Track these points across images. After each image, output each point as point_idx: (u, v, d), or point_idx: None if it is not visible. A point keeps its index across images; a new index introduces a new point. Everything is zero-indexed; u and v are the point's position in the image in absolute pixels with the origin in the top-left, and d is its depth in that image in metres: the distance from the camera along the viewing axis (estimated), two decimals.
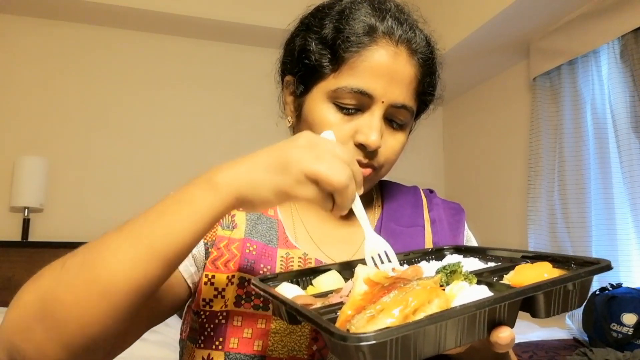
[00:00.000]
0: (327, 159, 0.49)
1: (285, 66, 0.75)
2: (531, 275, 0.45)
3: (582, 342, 1.98)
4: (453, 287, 0.44)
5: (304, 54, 0.70)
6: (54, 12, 2.79)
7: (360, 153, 0.67)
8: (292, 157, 0.49)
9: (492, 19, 2.39)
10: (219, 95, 3.09)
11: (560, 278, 0.43)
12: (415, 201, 0.82)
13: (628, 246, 2.11)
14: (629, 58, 2.06)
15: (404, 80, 0.68)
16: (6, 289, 2.47)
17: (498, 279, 0.50)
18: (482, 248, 0.62)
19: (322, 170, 0.48)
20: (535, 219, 2.48)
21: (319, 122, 0.68)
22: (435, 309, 0.39)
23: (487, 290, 0.42)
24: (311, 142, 0.51)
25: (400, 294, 0.39)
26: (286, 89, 0.76)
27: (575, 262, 0.50)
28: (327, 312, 0.43)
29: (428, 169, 3.63)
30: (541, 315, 0.43)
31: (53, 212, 2.72)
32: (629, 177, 2.06)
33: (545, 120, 2.51)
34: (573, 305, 0.44)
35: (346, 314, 0.39)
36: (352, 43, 0.66)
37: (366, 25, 0.66)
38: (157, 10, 2.79)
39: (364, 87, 0.65)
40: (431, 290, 0.40)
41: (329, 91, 0.67)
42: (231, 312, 0.66)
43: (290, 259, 0.70)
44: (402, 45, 0.68)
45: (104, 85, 2.92)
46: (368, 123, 0.66)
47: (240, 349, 0.63)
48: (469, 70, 3.04)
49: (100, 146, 2.86)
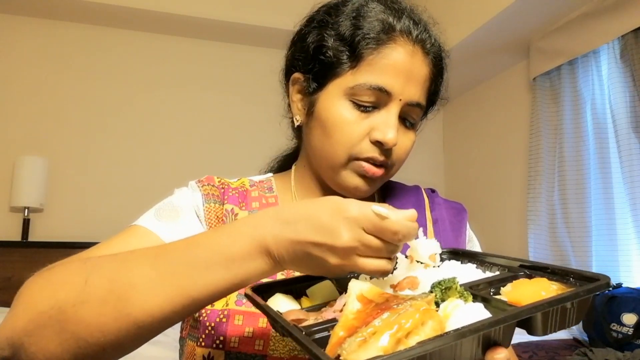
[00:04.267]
0: (365, 261, 0.46)
1: (296, 63, 0.74)
2: (528, 292, 0.44)
3: (582, 342, 1.98)
4: (448, 305, 0.43)
5: (321, 51, 0.69)
6: (54, 12, 2.79)
7: (376, 150, 0.68)
8: (331, 260, 0.46)
9: (492, 19, 2.39)
10: (219, 95, 3.09)
11: (557, 298, 0.42)
12: (417, 201, 0.82)
13: (628, 246, 2.11)
14: (629, 58, 2.06)
15: (420, 79, 0.69)
16: (6, 289, 2.47)
17: (495, 292, 0.50)
18: (478, 253, 0.61)
19: (366, 270, 0.46)
20: (535, 219, 2.48)
21: (334, 119, 0.68)
22: (429, 331, 0.38)
23: (483, 309, 0.42)
24: (354, 239, 0.45)
25: (393, 316, 0.38)
26: (293, 87, 0.75)
27: (574, 277, 0.48)
28: (320, 330, 0.43)
29: (428, 169, 3.62)
30: (538, 333, 0.42)
31: (53, 212, 2.72)
32: (629, 177, 2.06)
33: (545, 120, 2.51)
34: (571, 322, 0.44)
35: (338, 336, 0.38)
36: (371, 40, 0.66)
37: (384, 23, 0.67)
38: (157, 10, 2.79)
39: (382, 84, 0.66)
40: (424, 312, 0.39)
41: (346, 88, 0.67)
42: (232, 311, 0.66)
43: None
44: (418, 45, 0.69)
45: (104, 85, 2.92)
46: (385, 120, 0.67)
47: (240, 348, 0.63)
48: (469, 70, 3.04)
49: (100, 146, 2.86)
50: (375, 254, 0.45)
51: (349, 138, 0.67)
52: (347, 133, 0.67)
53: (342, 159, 0.68)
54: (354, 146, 0.67)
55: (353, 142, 0.67)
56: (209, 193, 0.73)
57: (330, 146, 0.69)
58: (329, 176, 0.72)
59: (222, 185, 0.76)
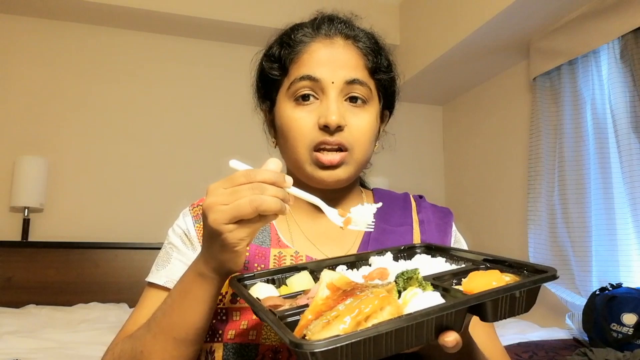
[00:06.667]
0: (219, 208, 0.53)
1: (257, 97, 0.84)
2: (481, 282, 0.49)
3: (582, 342, 1.98)
4: (407, 293, 0.47)
5: (261, 76, 0.81)
6: (54, 12, 2.80)
7: (325, 135, 0.71)
8: (207, 223, 0.55)
9: (492, 19, 2.39)
10: (219, 95, 3.09)
11: (504, 287, 0.47)
12: (405, 204, 0.87)
13: (628, 246, 2.11)
14: (629, 58, 2.06)
15: (348, 61, 0.74)
16: (6, 289, 2.48)
17: (457, 282, 0.55)
18: (449, 248, 0.67)
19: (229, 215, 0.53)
20: (535, 219, 2.48)
21: (286, 122, 0.74)
22: (387, 315, 0.42)
23: (439, 297, 0.46)
24: (210, 195, 0.55)
25: (355, 302, 0.42)
26: (265, 118, 0.84)
27: (527, 269, 0.53)
28: (293, 314, 0.48)
29: (428, 169, 3.63)
30: (489, 319, 0.47)
31: (53, 212, 2.72)
32: (629, 177, 2.06)
33: (545, 120, 2.51)
34: (520, 310, 0.49)
35: (306, 319, 0.42)
36: (293, 47, 0.75)
37: (305, 32, 0.76)
38: (157, 10, 2.79)
39: (309, 72, 0.72)
40: (383, 299, 0.43)
41: (286, 91, 0.75)
42: (229, 308, 0.71)
43: (283, 257, 0.75)
44: (336, 37, 0.76)
45: (103, 85, 2.92)
46: (325, 105, 0.72)
47: (236, 340, 0.68)
48: (469, 70, 3.04)
49: (100, 146, 2.86)
50: (233, 198, 0.53)
51: (301, 132, 0.72)
52: (298, 129, 0.72)
53: (303, 156, 0.73)
54: (306, 139, 0.72)
55: (305, 135, 0.72)
56: (199, 213, 0.78)
57: (292, 147, 0.74)
58: (302, 176, 0.76)
59: None
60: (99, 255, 2.66)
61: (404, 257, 0.67)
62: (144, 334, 0.63)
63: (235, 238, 0.54)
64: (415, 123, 3.62)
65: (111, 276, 2.64)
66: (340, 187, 0.77)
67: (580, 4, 2.25)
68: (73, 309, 2.33)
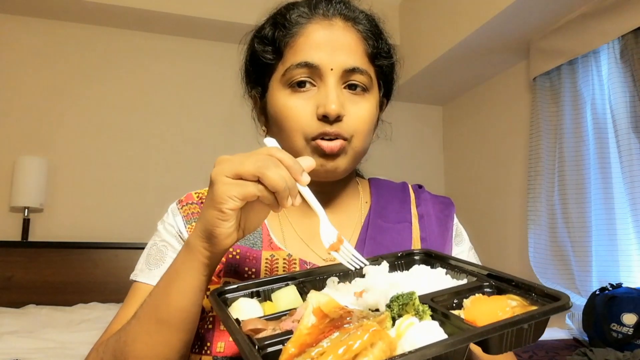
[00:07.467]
0: (234, 165, 0.52)
1: (246, 82, 0.79)
2: (485, 311, 0.45)
3: (582, 342, 1.98)
4: (402, 322, 0.42)
5: (253, 59, 0.76)
6: (54, 12, 2.80)
7: (325, 125, 0.68)
8: (213, 180, 0.53)
9: (492, 19, 2.39)
10: (219, 95, 3.08)
11: (510, 321, 0.42)
12: (403, 197, 0.83)
13: (628, 246, 2.11)
14: (629, 58, 2.06)
15: (347, 45, 0.70)
16: (6, 289, 2.47)
17: (458, 303, 0.50)
18: (450, 257, 0.61)
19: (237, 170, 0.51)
20: (535, 219, 2.48)
21: (280, 110, 0.70)
22: (378, 352, 0.38)
23: (438, 328, 0.42)
24: (219, 163, 0.54)
25: (342, 336, 0.38)
26: (253, 107, 0.80)
27: (537, 293, 0.48)
28: (273, 343, 0.44)
29: (428, 169, 3.63)
30: (492, 352, 0.43)
31: (53, 212, 2.72)
32: (629, 177, 2.06)
33: (545, 120, 2.51)
34: (527, 341, 0.44)
35: (288, 353, 0.39)
36: (289, 29, 0.71)
37: (301, 13, 0.72)
38: (157, 10, 2.79)
39: (307, 59, 0.68)
40: (374, 333, 0.39)
41: (280, 78, 0.70)
42: (217, 316, 0.67)
43: (275, 260, 0.72)
44: (335, 18, 0.72)
45: (103, 85, 2.92)
46: (324, 94, 0.68)
47: (226, 352, 0.65)
48: (469, 70, 3.04)
49: (100, 146, 2.86)
50: (244, 158, 0.52)
51: (298, 122, 0.68)
52: (295, 118, 0.69)
53: (300, 145, 0.69)
54: (305, 128, 0.68)
55: (303, 125, 0.68)
56: (189, 213, 0.75)
57: (287, 136, 0.70)
58: None
59: (200, 200, 0.78)
60: (99, 255, 2.66)
61: (401, 267, 0.62)
62: (129, 322, 0.61)
63: (225, 192, 0.51)
64: (415, 123, 3.62)
65: (111, 276, 2.64)
66: (337, 178, 0.73)
67: (580, 4, 2.25)
68: (73, 309, 2.33)
